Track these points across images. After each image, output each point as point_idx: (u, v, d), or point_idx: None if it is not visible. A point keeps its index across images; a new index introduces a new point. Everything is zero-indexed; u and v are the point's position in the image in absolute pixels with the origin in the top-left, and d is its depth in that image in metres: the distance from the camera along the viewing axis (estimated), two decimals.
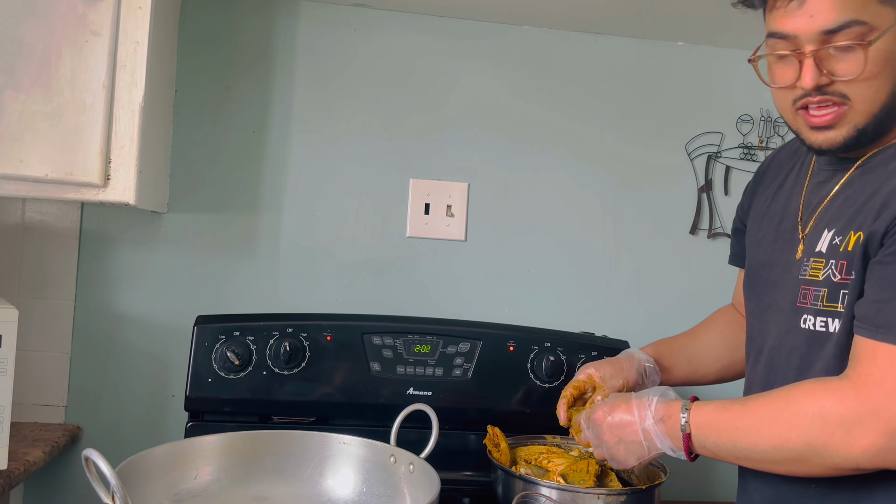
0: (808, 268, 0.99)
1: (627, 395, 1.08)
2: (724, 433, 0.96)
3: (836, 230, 0.97)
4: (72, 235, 1.58)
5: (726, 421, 0.96)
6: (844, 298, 0.94)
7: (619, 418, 1.05)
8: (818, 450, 0.88)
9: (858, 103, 0.92)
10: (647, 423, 1.02)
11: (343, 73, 1.66)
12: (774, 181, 1.16)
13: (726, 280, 1.74)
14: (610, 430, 1.06)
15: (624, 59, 1.74)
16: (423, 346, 1.41)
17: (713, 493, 1.74)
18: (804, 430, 0.89)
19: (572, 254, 1.73)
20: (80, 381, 1.58)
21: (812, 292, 0.98)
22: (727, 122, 1.76)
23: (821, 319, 0.97)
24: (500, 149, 1.71)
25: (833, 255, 0.96)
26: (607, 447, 1.07)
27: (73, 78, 1.27)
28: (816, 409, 0.88)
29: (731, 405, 0.97)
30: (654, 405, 1.02)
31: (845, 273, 0.94)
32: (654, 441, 1.02)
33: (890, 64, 0.91)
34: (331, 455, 1.13)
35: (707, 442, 0.98)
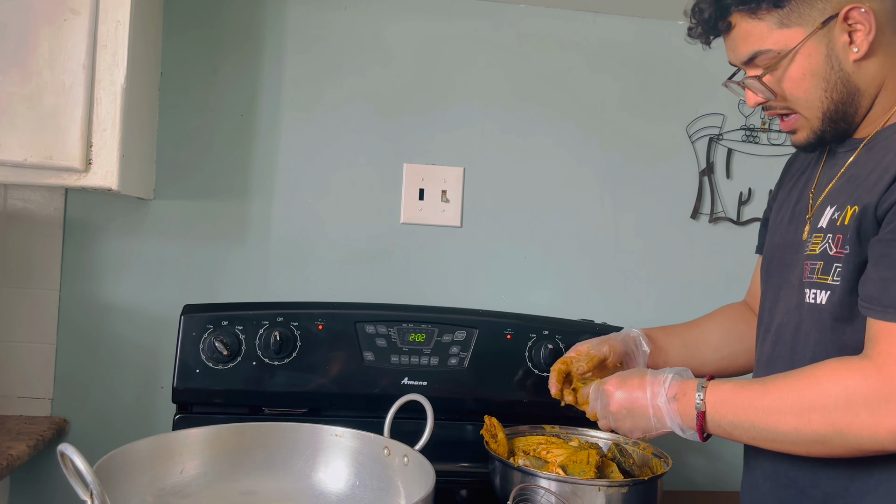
0: (810, 243, 1.01)
1: (642, 371, 1.06)
2: (741, 413, 0.94)
3: (836, 206, 0.98)
4: (56, 223, 1.53)
5: (745, 400, 0.94)
6: (836, 271, 0.95)
7: (630, 391, 1.03)
8: (842, 431, 0.87)
9: (802, 111, 1.00)
10: (660, 401, 1.00)
11: (334, 55, 1.61)
12: (799, 170, 1.18)
13: (728, 266, 1.72)
14: (619, 402, 1.04)
15: (623, 38, 1.69)
16: (418, 334, 1.37)
17: (713, 483, 1.71)
18: (828, 411, 0.87)
19: (570, 240, 1.68)
20: (67, 372, 1.54)
21: (810, 266, 0.99)
22: (729, 103, 1.71)
23: (813, 292, 0.98)
24: (496, 132, 1.66)
25: (831, 229, 0.97)
26: (614, 418, 1.06)
27: (51, 58, 1.23)
28: (840, 389, 0.87)
29: (749, 385, 0.96)
30: (669, 382, 1.01)
31: (840, 246, 0.95)
32: (663, 418, 1.00)
33: (812, 76, 0.97)
34: (322, 448, 1.08)
35: (723, 421, 0.96)
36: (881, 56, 0.97)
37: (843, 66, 0.96)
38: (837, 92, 0.97)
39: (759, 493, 1.08)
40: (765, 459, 1.05)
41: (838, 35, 0.95)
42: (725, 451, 1.71)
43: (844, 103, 0.98)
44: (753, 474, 1.09)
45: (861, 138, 1.02)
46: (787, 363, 1.01)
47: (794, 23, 0.95)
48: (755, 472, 1.09)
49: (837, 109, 0.98)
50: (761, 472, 1.07)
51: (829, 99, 0.98)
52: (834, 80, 0.97)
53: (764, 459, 1.05)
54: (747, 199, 1.72)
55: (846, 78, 0.97)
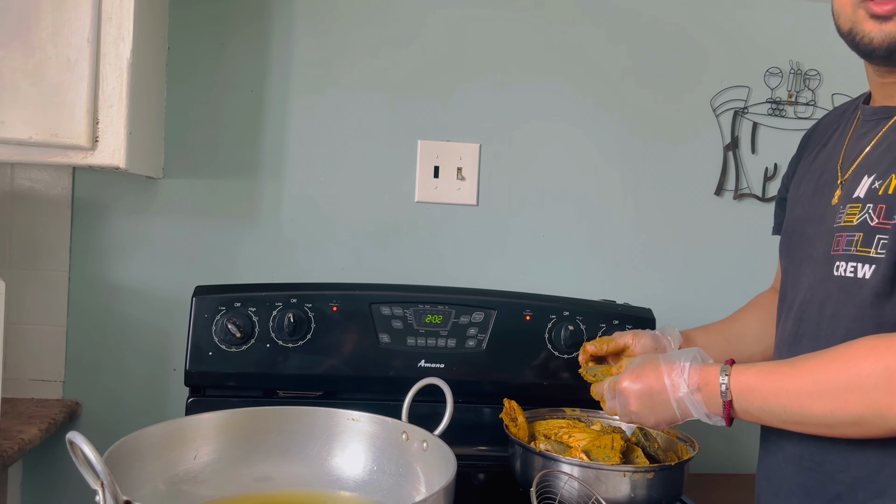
0: (844, 214, 0.95)
1: (655, 358, 1.00)
2: (771, 398, 0.89)
3: (876, 174, 0.92)
4: (63, 203, 1.50)
5: (774, 384, 0.89)
6: (880, 243, 0.89)
7: (649, 387, 0.98)
8: (882, 412, 0.82)
9: None
10: (682, 393, 0.95)
11: (345, 27, 1.56)
12: (819, 143, 1.12)
13: (753, 244, 1.67)
14: (638, 400, 0.99)
15: (644, 8, 1.63)
16: (435, 316, 1.34)
17: (739, 465, 1.67)
18: (866, 391, 0.82)
19: (590, 217, 1.64)
20: (78, 355, 1.52)
21: (845, 238, 0.93)
22: (755, 75, 1.65)
23: (852, 265, 0.92)
24: (512, 107, 1.61)
25: (871, 199, 0.91)
26: (636, 416, 1.01)
27: (54, 32, 1.19)
28: (881, 368, 0.82)
29: (777, 367, 0.91)
30: (688, 371, 0.95)
31: (884, 217, 0.89)
32: (687, 409, 0.96)
33: None
34: (338, 432, 1.05)
35: (751, 407, 0.91)
36: None
37: None
38: None
39: (780, 478, 1.03)
40: (788, 442, 1.01)
41: None
42: (745, 433, 1.67)
43: None
44: (775, 458, 1.05)
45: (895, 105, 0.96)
46: (812, 341, 0.97)
47: None
48: (776, 456, 1.04)
49: None
50: (783, 455, 1.02)
51: None
52: None
53: (787, 442, 1.01)
54: (773, 175, 1.67)
55: None
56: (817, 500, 0.96)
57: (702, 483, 1.41)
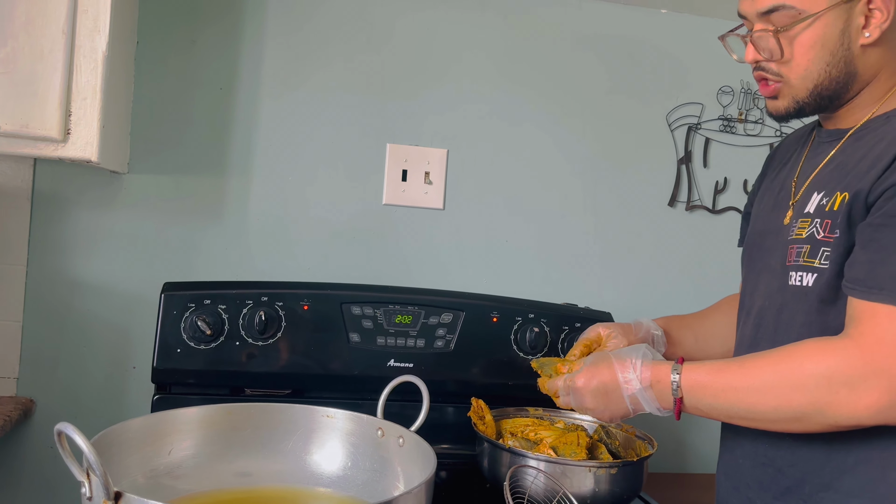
0: (796, 228, 1.02)
1: (607, 356, 1.05)
2: (720, 395, 0.96)
3: (824, 192, 1.00)
4: (23, 196, 1.46)
5: (723, 382, 0.96)
6: (823, 255, 0.97)
7: (603, 385, 1.03)
8: (821, 409, 0.89)
9: (792, 80, 0.99)
10: (635, 389, 1.01)
11: (317, 28, 1.58)
12: (780, 162, 1.20)
13: (703, 253, 1.75)
14: (593, 397, 1.04)
15: (608, 25, 1.70)
16: (405, 316, 1.36)
17: (692, 465, 1.75)
18: (809, 390, 0.89)
19: (552, 224, 1.69)
20: (33, 351, 1.48)
21: (796, 250, 1.01)
22: (708, 93, 1.74)
23: (800, 274, 1.00)
24: (480, 115, 1.65)
25: (819, 214, 0.99)
26: (591, 413, 1.06)
27: (28, 22, 1.17)
28: (822, 369, 0.89)
29: (727, 366, 0.97)
30: (640, 368, 1.01)
31: (829, 231, 0.97)
32: (640, 404, 1.02)
33: (821, 47, 0.97)
34: (315, 429, 1.06)
35: (700, 404, 0.98)
36: (884, 47, 0.98)
37: (850, 47, 0.97)
38: (837, 70, 0.98)
39: (738, 473, 1.10)
40: (744, 439, 1.07)
41: (857, 15, 0.96)
42: (699, 435, 1.75)
43: (839, 83, 0.98)
44: (733, 454, 1.11)
45: (846, 128, 1.03)
46: (770, 344, 1.03)
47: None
48: (734, 452, 1.11)
49: (829, 87, 0.99)
50: (741, 451, 1.09)
51: (826, 74, 0.98)
52: (839, 57, 0.97)
53: (744, 439, 1.08)
54: (723, 188, 1.76)
55: (849, 59, 0.97)
56: (770, 492, 1.03)
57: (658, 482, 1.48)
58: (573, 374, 1.08)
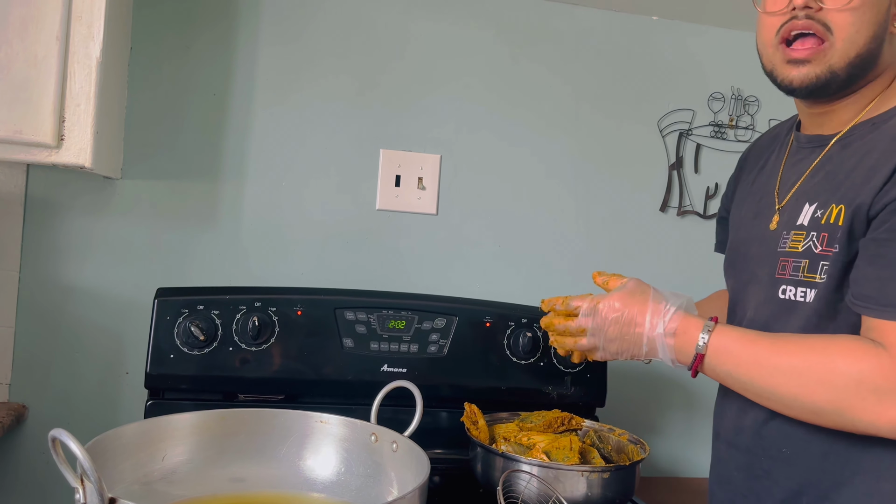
0: (788, 240, 1.01)
1: (646, 290, 1.01)
2: (743, 366, 0.94)
3: (817, 204, 0.99)
4: (16, 201, 1.46)
5: (750, 355, 0.94)
6: (823, 269, 0.95)
7: (630, 316, 1.00)
8: (842, 410, 0.88)
9: (839, 40, 0.95)
10: (657, 332, 0.98)
11: (310, 35, 1.58)
12: (756, 165, 1.18)
13: (694, 257, 1.76)
14: (615, 324, 1.01)
15: (600, 31, 1.71)
16: (398, 321, 1.37)
17: (685, 469, 1.76)
18: (835, 388, 0.88)
19: (544, 229, 1.70)
20: (26, 356, 1.48)
21: (791, 263, 0.99)
22: (699, 99, 1.75)
23: (801, 290, 0.98)
24: (473, 121, 1.66)
25: (814, 227, 0.97)
26: (605, 338, 1.02)
27: (22, 28, 1.17)
28: (855, 370, 0.87)
29: (759, 339, 0.95)
30: (670, 316, 0.98)
31: (826, 245, 0.95)
32: (655, 349, 0.99)
33: (876, 12, 0.95)
34: (308, 434, 1.07)
35: (720, 369, 0.95)
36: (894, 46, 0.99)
37: (887, 27, 0.97)
38: (876, 44, 0.96)
39: (733, 484, 1.08)
40: (738, 451, 1.07)
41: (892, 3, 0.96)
42: (694, 439, 1.76)
43: (869, 60, 0.97)
44: (726, 466, 1.10)
45: (829, 134, 1.02)
46: None
47: None
48: (728, 465, 1.10)
49: (865, 60, 0.96)
50: (735, 464, 1.08)
51: (868, 45, 0.95)
52: (881, 32, 0.96)
53: (737, 452, 1.07)
54: (714, 194, 1.77)
55: (883, 39, 0.97)
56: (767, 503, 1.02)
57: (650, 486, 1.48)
58: (604, 295, 1.04)
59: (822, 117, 1.05)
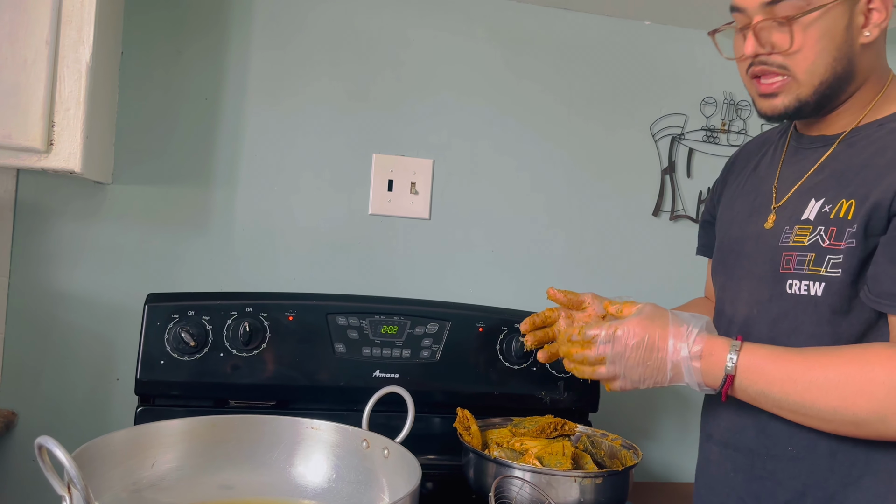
0: (792, 235, 1.00)
1: (665, 314, 0.97)
2: (776, 384, 0.91)
3: (825, 199, 0.98)
4: (6, 206, 1.45)
5: (783, 372, 0.91)
6: (830, 263, 0.95)
7: (652, 341, 0.95)
8: (884, 418, 0.86)
9: (798, 74, 0.97)
10: (682, 356, 0.94)
11: (303, 40, 1.58)
12: (746, 168, 1.19)
13: (688, 262, 1.76)
14: (635, 351, 0.95)
15: (592, 36, 1.71)
16: (391, 326, 1.36)
17: (678, 474, 1.76)
18: (875, 396, 0.86)
19: (537, 234, 1.70)
20: (15, 363, 1.47)
21: (796, 257, 0.99)
22: (691, 103, 1.76)
23: (805, 283, 0.97)
24: (465, 125, 1.66)
25: (822, 222, 0.97)
26: (625, 365, 0.96)
27: (12, 32, 1.16)
28: (895, 378, 0.85)
29: (789, 355, 0.92)
30: (694, 338, 0.94)
31: (835, 239, 0.95)
32: (681, 374, 0.95)
33: (829, 40, 0.95)
34: (299, 440, 1.06)
35: (751, 388, 0.92)
36: (877, 51, 0.99)
37: (853, 44, 0.96)
38: (841, 66, 0.97)
39: (728, 486, 1.07)
40: (736, 452, 1.05)
41: (860, 11, 0.96)
42: (686, 442, 1.76)
43: (840, 80, 0.97)
44: (720, 468, 1.09)
45: (832, 134, 1.03)
46: None
47: None
48: (723, 467, 1.08)
49: (832, 84, 0.97)
50: (731, 465, 1.06)
51: (832, 70, 0.96)
52: (844, 52, 0.96)
53: (735, 453, 1.05)
54: (706, 198, 1.77)
55: (852, 56, 0.97)
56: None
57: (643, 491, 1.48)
58: (621, 320, 0.98)
59: (822, 123, 1.05)
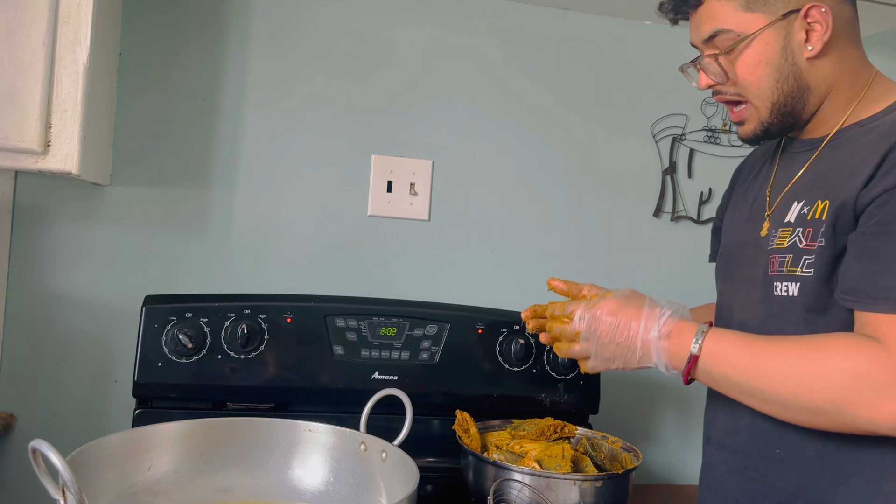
0: (776, 238, 1.02)
1: (642, 298, 1.01)
2: (738, 368, 0.92)
3: (804, 201, 1.00)
4: (4, 208, 1.45)
5: (745, 356, 0.92)
6: (805, 263, 0.96)
7: (626, 322, 0.98)
8: (841, 407, 0.86)
9: (752, 100, 1.01)
10: (651, 335, 0.97)
11: (301, 40, 1.57)
12: (751, 174, 1.20)
13: (689, 263, 1.76)
14: (609, 329, 0.99)
15: (592, 36, 1.70)
16: (389, 328, 1.36)
17: (679, 476, 1.75)
18: (832, 384, 0.86)
19: (537, 235, 1.69)
20: (13, 365, 1.46)
21: (778, 259, 1.00)
22: (692, 104, 1.75)
23: (785, 284, 0.98)
24: (465, 126, 1.65)
25: (800, 223, 0.98)
26: (598, 343, 1.00)
27: (8, 33, 1.16)
28: (851, 365, 0.85)
29: (753, 341, 0.94)
30: (665, 318, 0.97)
31: (810, 239, 0.96)
32: (650, 354, 0.97)
33: (766, 64, 0.99)
34: (297, 443, 1.06)
35: (714, 371, 0.94)
36: (834, 58, 0.99)
37: (796, 61, 0.98)
38: (788, 85, 0.99)
39: (725, 488, 1.08)
40: (732, 455, 1.06)
41: (797, 30, 0.97)
42: (688, 445, 1.75)
43: (793, 97, 1.00)
44: (718, 470, 1.09)
45: (820, 137, 1.04)
46: None
47: (759, 9, 0.97)
48: (720, 468, 1.09)
49: (786, 102, 1.00)
50: (727, 467, 1.07)
51: (779, 90, 0.99)
52: (786, 72, 0.99)
53: (731, 455, 1.06)
54: (707, 199, 1.76)
55: (798, 73, 0.99)
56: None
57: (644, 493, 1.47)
58: (599, 300, 1.02)
59: (808, 129, 1.06)
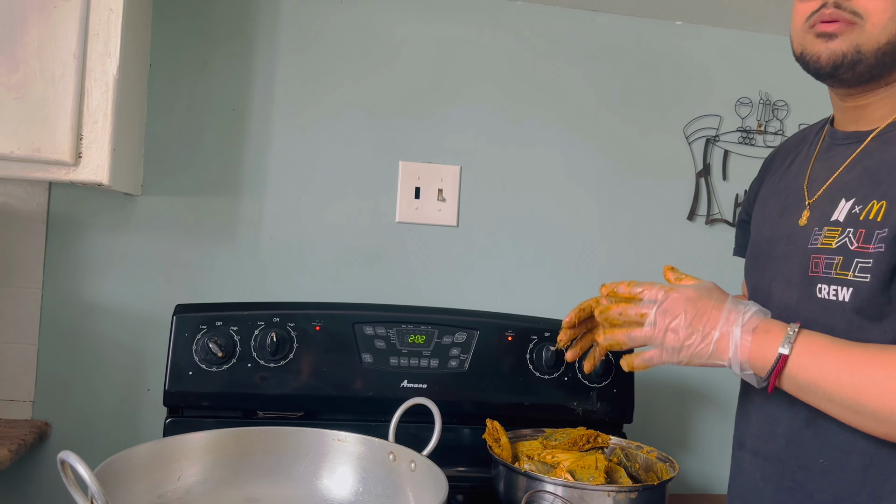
0: (821, 236, 0.96)
1: (723, 293, 0.93)
2: (831, 374, 0.85)
3: (855, 199, 0.94)
4: (39, 219, 1.47)
5: (840, 362, 0.85)
6: (858, 267, 0.90)
7: (703, 309, 0.90)
8: None
9: (869, 24, 0.92)
10: (734, 327, 0.88)
11: (328, 48, 1.58)
12: (783, 165, 1.15)
13: (724, 267, 1.71)
14: (685, 315, 0.90)
15: (622, 38, 1.68)
16: (418, 336, 1.34)
17: (715, 485, 1.71)
18: None
19: (568, 240, 1.67)
20: (49, 374, 1.48)
21: (824, 260, 0.94)
22: (726, 104, 1.71)
23: (833, 288, 0.93)
24: (493, 131, 1.64)
25: (851, 223, 0.93)
26: (668, 329, 0.90)
27: (40, 47, 1.18)
28: None
29: (850, 347, 0.86)
30: (750, 314, 0.90)
31: (863, 241, 0.91)
32: (725, 348, 0.89)
33: None
34: (325, 453, 1.05)
35: (802, 376, 0.86)
36: None
37: None
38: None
39: (757, 497, 1.03)
40: (766, 462, 1.02)
41: None
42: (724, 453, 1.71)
43: None
44: (750, 477, 1.05)
45: (866, 130, 0.99)
46: None
47: None
48: (752, 476, 1.05)
49: (890, 51, 0.92)
50: (760, 475, 1.03)
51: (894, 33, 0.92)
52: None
53: (765, 462, 1.02)
54: (743, 201, 1.72)
55: None
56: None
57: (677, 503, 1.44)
58: (678, 285, 0.95)
59: (858, 112, 1.01)
